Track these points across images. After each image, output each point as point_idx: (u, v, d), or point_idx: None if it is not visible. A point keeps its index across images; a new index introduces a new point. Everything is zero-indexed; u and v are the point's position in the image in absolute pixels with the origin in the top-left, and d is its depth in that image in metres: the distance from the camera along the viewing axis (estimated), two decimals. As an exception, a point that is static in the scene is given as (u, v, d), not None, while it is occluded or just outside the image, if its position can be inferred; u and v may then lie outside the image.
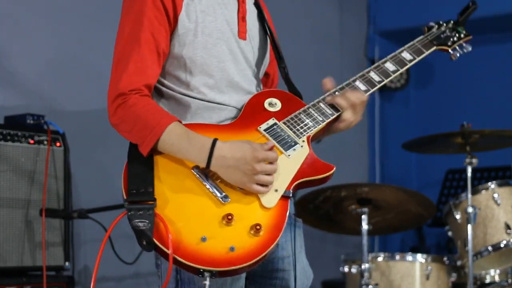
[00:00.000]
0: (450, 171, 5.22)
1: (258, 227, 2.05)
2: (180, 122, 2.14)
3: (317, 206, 4.14)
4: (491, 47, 5.62)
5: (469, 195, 3.92)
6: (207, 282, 2.01)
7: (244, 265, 2.04)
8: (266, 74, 2.50)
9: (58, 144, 3.44)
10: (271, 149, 2.13)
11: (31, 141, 3.34)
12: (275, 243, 2.08)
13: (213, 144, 2.09)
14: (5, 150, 3.26)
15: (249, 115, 2.25)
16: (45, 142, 3.39)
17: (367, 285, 3.87)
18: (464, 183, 4.91)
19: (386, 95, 6.02)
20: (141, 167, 2.11)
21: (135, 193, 2.05)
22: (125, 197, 2.06)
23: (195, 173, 2.11)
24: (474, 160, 3.96)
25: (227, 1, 2.32)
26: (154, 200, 2.05)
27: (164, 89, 2.25)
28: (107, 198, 3.83)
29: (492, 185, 4.05)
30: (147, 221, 2.00)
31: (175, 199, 2.08)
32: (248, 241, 2.05)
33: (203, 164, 2.09)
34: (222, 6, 2.30)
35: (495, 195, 4.00)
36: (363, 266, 3.90)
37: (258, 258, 2.05)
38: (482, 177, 5.08)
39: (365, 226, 3.94)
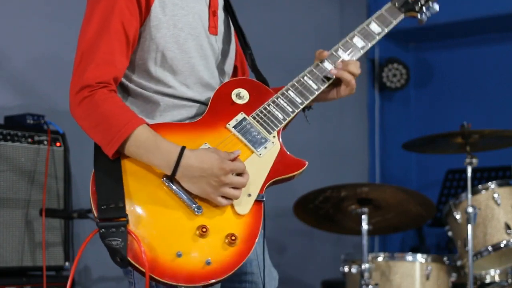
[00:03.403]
0: (450, 171, 5.22)
1: (233, 237, 1.98)
2: (148, 124, 2.04)
3: (317, 206, 4.14)
4: (491, 47, 5.61)
5: (469, 195, 3.92)
6: None
7: (221, 278, 1.96)
8: (234, 68, 2.39)
9: (58, 144, 3.44)
10: (236, 158, 2.03)
11: (31, 141, 3.34)
12: (250, 252, 2.00)
13: (181, 152, 1.98)
14: (5, 150, 3.26)
15: (217, 110, 2.15)
16: (45, 142, 3.39)
17: (367, 285, 3.87)
18: (464, 183, 4.93)
19: (386, 95, 6.01)
20: (109, 178, 2.02)
21: (105, 209, 1.96)
22: (95, 214, 1.98)
23: (166, 183, 2.01)
24: (474, 160, 3.95)
25: None
26: (126, 216, 1.95)
27: (132, 86, 2.15)
28: (107, 198, 3.82)
29: (492, 185, 4.04)
30: (119, 239, 1.92)
31: (147, 213, 1.98)
32: (224, 253, 1.97)
33: (168, 171, 1.99)
34: (194, 0, 2.20)
35: (495, 195, 4.00)
36: (363, 266, 3.90)
37: (234, 270, 1.98)
38: (482, 177, 5.08)
39: (365, 226, 3.94)
